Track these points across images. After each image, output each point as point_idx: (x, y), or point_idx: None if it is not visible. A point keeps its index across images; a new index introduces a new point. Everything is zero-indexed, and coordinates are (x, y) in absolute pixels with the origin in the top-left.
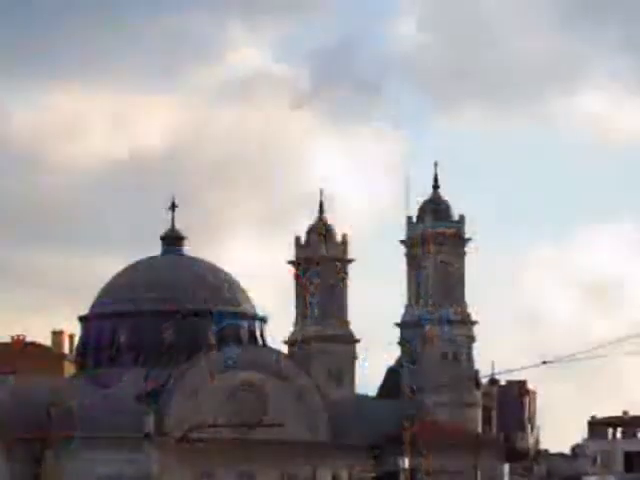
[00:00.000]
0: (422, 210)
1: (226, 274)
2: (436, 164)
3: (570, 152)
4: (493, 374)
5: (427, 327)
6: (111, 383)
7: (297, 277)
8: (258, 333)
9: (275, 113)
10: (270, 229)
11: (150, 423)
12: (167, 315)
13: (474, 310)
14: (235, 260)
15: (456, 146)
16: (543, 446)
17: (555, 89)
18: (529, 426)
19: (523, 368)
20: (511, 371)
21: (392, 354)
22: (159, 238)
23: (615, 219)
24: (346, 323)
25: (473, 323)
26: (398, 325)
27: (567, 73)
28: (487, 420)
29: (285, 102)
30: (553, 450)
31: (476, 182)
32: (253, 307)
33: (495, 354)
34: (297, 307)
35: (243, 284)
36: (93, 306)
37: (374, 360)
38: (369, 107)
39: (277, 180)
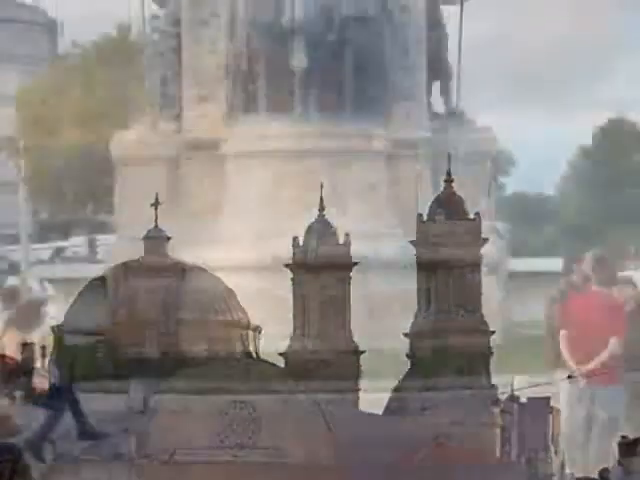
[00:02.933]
0: (433, 206)
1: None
2: (449, 155)
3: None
4: (513, 390)
5: (439, 337)
6: (88, 400)
7: (294, 282)
8: (251, 344)
9: None
10: None
11: (132, 444)
12: (150, 324)
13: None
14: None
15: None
16: (569, 470)
17: (584, 78)
18: (553, 448)
19: (547, 384)
20: (533, 386)
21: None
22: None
23: None
24: (350, 333)
25: (491, 333)
26: (406, 335)
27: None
28: (506, 441)
29: None
30: (579, 474)
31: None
32: (246, 315)
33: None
34: (295, 316)
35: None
36: (67, 314)
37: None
38: None
39: None
